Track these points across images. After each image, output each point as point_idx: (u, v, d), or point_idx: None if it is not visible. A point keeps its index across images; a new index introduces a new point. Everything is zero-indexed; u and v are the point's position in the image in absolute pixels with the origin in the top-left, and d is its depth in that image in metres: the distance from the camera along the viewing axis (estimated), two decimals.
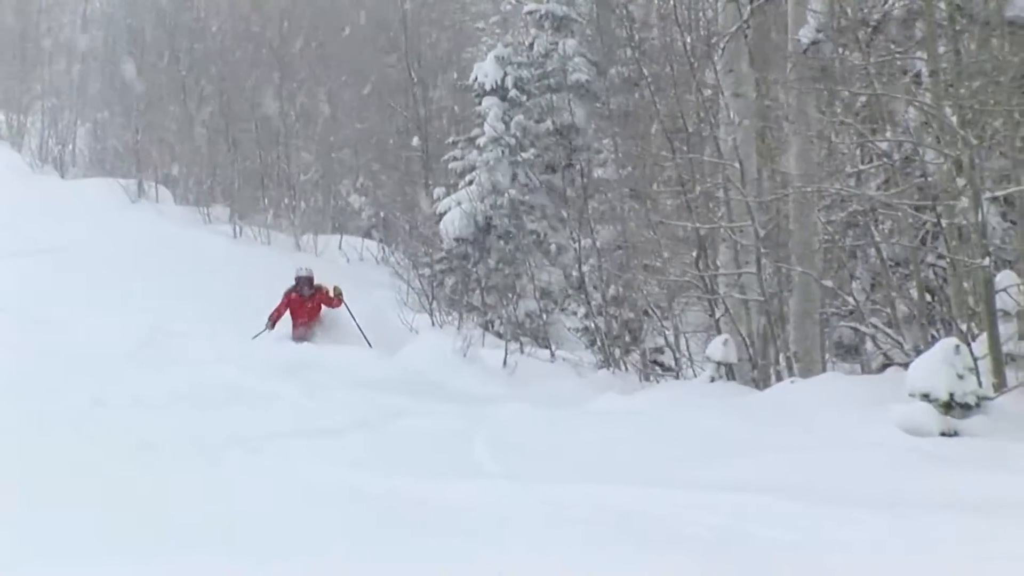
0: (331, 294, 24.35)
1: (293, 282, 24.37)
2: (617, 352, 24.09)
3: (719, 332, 19.53)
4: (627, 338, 25.08)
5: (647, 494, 8.78)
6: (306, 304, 24.31)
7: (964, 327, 14.20)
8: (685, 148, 21.72)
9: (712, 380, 17.59)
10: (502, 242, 32.11)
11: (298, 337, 23.59)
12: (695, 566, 6.83)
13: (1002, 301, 13.75)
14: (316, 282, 24.48)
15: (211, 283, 26.28)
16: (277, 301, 24.12)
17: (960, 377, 12.09)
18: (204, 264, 29.42)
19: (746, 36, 20.35)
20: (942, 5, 14.83)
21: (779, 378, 17.98)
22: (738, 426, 12.74)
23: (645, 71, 24.27)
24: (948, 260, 15.52)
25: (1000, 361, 13.39)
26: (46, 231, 30.96)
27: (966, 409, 12.06)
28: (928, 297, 17.31)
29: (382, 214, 40.40)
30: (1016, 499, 8.51)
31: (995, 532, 7.36)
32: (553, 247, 31.80)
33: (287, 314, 24.15)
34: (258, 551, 7.07)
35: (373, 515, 8.31)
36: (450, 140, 36.22)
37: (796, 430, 12.39)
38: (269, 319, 23.87)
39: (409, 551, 7.21)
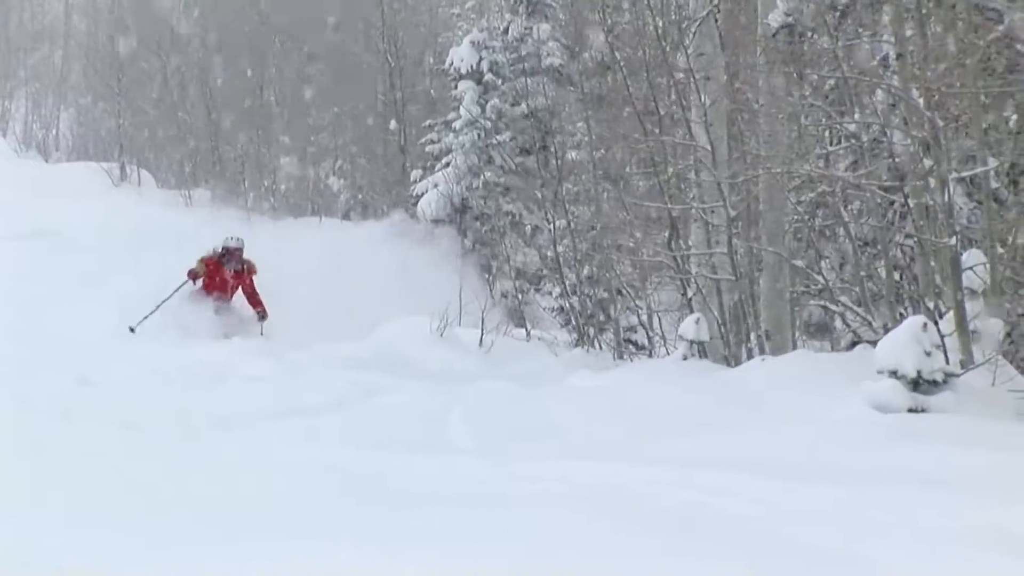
0: (253, 285, 21.91)
1: (219, 250, 22.06)
2: (591, 331, 24.07)
3: (691, 311, 19.52)
4: (601, 317, 25.05)
5: (622, 470, 8.74)
6: (226, 279, 21.90)
7: (931, 305, 14.20)
8: (657, 130, 21.69)
9: (684, 358, 17.54)
10: (478, 223, 32.07)
11: (209, 305, 21.56)
12: (675, 543, 6.74)
13: (968, 279, 13.76)
14: (245, 257, 22.13)
15: (190, 264, 25.93)
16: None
17: (927, 354, 12.05)
18: (184, 246, 29.26)
19: (716, 20, 20.34)
20: None
21: (750, 356, 17.95)
22: (710, 403, 12.75)
23: (618, 55, 24.22)
24: (916, 240, 15.53)
25: (967, 338, 13.38)
26: (31, 214, 30.78)
27: (933, 386, 12.02)
28: (896, 276, 17.32)
29: (360, 196, 40.32)
30: (982, 474, 8.48)
31: (961, 507, 7.30)
32: (528, 228, 31.79)
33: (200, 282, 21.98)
34: (239, 529, 6.97)
35: (352, 492, 8.26)
36: (427, 123, 36.23)
37: (767, 407, 12.40)
38: (189, 276, 21.75)
39: (388, 527, 7.12)
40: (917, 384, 11.97)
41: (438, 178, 32.88)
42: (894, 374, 12.00)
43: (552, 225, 26.61)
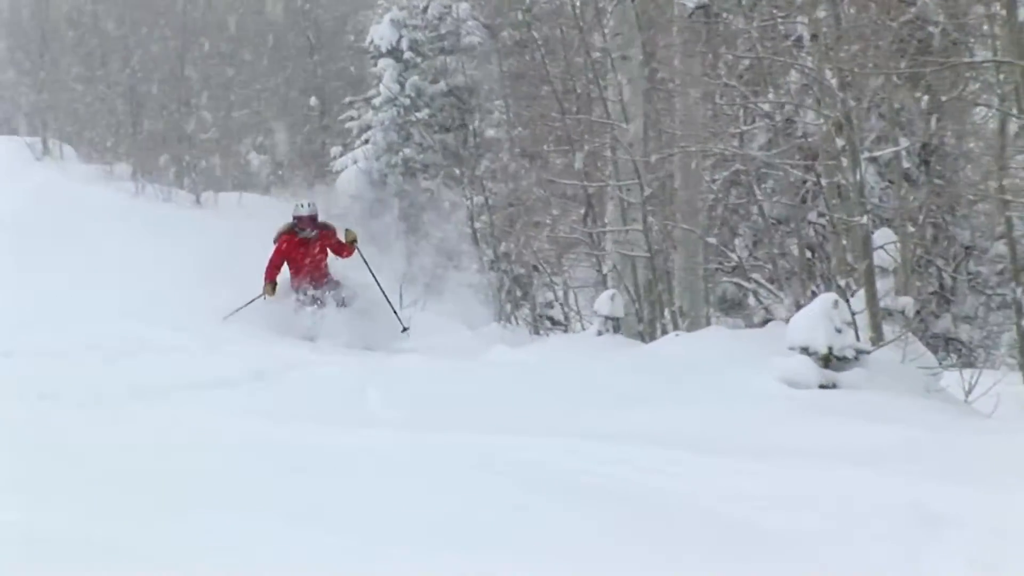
0: (342, 237, 19.60)
1: (290, 220, 19.62)
2: (508, 307, 23.99)
3: (606, 287, 19.47)
4: (518, 293, 24.99)
5: (540, 444, 8.65)
6: (309, 250, 19.35)
7: (843, 283, 14.18)
8: (574, 109, 21.73)
9: (599, 334, 17.46)
10: (397, 199, 31.93)
11: (302, 295, 19.08)
12: (594, 516, 6.71)
13: (879, 258, 13.83)
14: (321, 219, 19.75)
15: (112, 237, 25.48)
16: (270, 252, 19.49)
17: (839, 331, 12.05)
18: (106, 219, 28.91)
19: (633, 0, 20.23)
20: None
21: (664, 332, 17.90)
22: (624, 378, 12.68)
23: (536, 34, 24.18)
24: (828, 218, 15.54)
25: (877, 316, 13.43)
26: None
27: (844, 362, 12.03)
28: (808, 254, 17.36)
29: (280, 172, 40.11)
30: (893, 449, 8.47)
31: (876, 482, 7.25)
32: (447, 204, 31.62)
33: (285, 266, 19.48)
34: (152, 499, 6.89)
35: (269, 462, 8.14)
36: (347, 100, 36.08)
37: (681, 382, 12.32)
38: (266, 279, 19.18)
39: (305, 496, 7.06)
40: (828, 360, 11.96)
41: (357, 154, 32.80)
42: (805, 350, 11.98)
43: (470, 202, 26.58)
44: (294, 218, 19.47)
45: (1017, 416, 12.52)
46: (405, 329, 19.54)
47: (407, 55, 32.70)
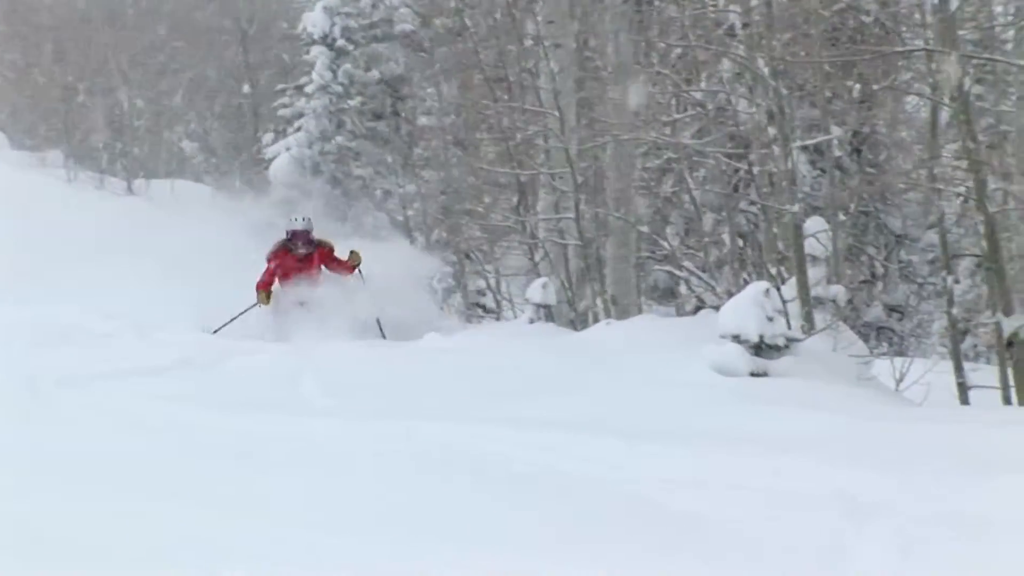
0: (337, 254, 18.92)
1: (284, 236, 18.91)
2: (440, 294, 23.91)
3: (539, 275, 19.39)
4: (450, 281, 24.90)
5: (472, 431, 8.71)
6: (303, 268, 18.56)
7: (774, 271, 14.23)
8: (507, 97, 21.73)
9: (531, 321, 17.40)
10: (329, 187, 31.76)
11: (288, 303, 18.45)
12: (524, 502, 6.79)
13: (810, 246, 13.93)
14: (316, 237, 19.00)
15: (45, 224, 25.19)
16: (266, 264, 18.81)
17: (770, 319, 12.09)
18: (39, 206, 28.67)
19: None
20: None
21: (596, 320, 17.86)
22: (557, 365, 12.70)
23: (469, 22, 24.10)
24: (759, 206, 15.57)
25: (808, 304, 13.52)
26: None
27: (775, 350, 12.09)
28: (740, 242, 17.41)
29: (213, 159, 39.89)
30: (823, 437, 8.52)
31: (806, 470, 7.23)
32: (379, 192, 31.47)
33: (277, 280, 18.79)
34: (80, 484, 6.93)
35: (199, 447, 8.22)
36: (279, 88, 35.91)
37: (613, 369, 12.33)
38: (258, 291, 18.51)
39: (234, 481, 7.13)
40: (759, 348, 12.01)
41: (290, 142, 32.60)
42: (737, 338, 12.02)
43: (402, 190, 26.51)
44: (287, 233, 18.76)
45: (947, 405, 12.56)
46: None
47: (340, 43, 32.50)
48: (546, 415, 9.63)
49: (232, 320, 18.22)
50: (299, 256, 18.45)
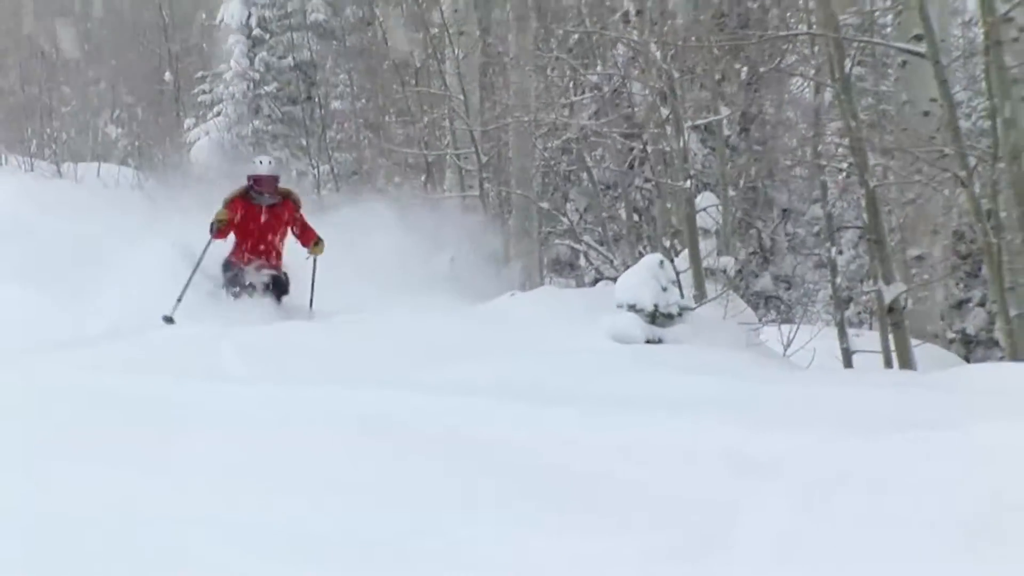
0: (302, 217, 15.14)
1: (245, 182, 15.09)
2: None
3: None
4: None
5: (386, 396, 8.42)
6: (264, 220, 14.94)
7: (668, 244, 14.18)
8: (414, 82, 21.61)
9: None
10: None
11: (240, 271, 14.99)
12: (441, 467, 6.59)
13: (702, 220, 13.93)
14: (282, 187, 15.36)
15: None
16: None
17: (664, 290, 11.99)
18: None
19: None
20: None
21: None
22: (462, 334, 12.45)
23: (377, 11, 24.01)
24: (654, 183, 15.55)
25: (700, 275, 13.59)
26: None
27: (669, 319, 12.00)
28: (636, 217, 17.42)
29: (137, 144, 39.53)
30: (715, 399, 8.31)
31: (698, 429, 7.02)
32: (294, 173, 31.25)
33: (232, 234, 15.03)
34: (23, 455, 6.67)
35: (118, 414, 7.78)
36: (199, 75, 35.67)
37: (516, 338, 12.15)
38: (213, 229, 14.60)
39: (152, 447, 6.83)
40: (654, 317, 11.88)
41: (210, 127, 32.48)
42: (633, 308, 11.88)
43: (317, 170, 26.39)
44: (249, 179, 15.00)
45: (832, 369, 12.57)
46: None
47: (256, 32, 32.37)
48: (457, 381, 9.40)
49: (192, 275, 14.66)
50: (263, 207, 14.85)
